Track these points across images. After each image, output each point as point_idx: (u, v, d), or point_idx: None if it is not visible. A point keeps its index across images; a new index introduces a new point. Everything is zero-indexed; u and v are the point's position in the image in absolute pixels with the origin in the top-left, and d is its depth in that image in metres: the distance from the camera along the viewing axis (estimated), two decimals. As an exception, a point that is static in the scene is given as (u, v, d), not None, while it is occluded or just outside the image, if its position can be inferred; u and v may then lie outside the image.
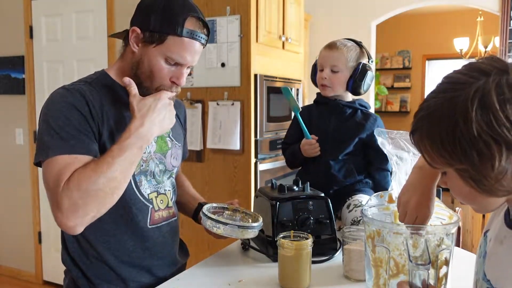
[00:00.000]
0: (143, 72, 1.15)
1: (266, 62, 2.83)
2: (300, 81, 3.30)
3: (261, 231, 1.37)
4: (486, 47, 5.19)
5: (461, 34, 5.81)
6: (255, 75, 2.68)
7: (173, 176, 1.33)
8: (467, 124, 0.59)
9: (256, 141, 2.72)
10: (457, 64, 0.69)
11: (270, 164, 2.88)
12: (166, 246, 1.27)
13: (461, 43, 5.49)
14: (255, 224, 1.24)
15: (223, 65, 2.70)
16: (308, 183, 1.40)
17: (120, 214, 1.17)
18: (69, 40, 3.18)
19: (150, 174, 1.21)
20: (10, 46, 3.41)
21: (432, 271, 0.81)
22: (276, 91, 2.92)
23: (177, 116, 1.34)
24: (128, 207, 1.17)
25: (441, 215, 1.04)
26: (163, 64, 1.14)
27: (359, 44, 1.66)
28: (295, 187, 1.39)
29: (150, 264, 1.23)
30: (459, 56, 5.59)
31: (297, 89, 3.26)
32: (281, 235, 1.15)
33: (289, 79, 3.12)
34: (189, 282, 1.17)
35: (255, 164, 2.73)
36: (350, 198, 1.58)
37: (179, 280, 1.18)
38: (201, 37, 1.15)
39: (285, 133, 1.86)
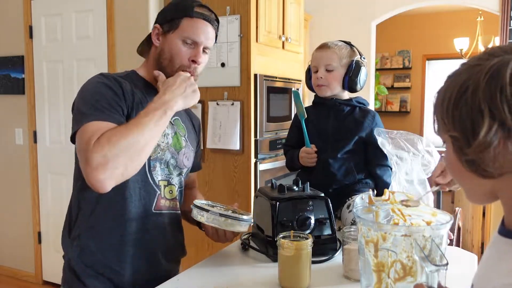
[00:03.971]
0: (164, 59, 1.28)
1: (266, 62, 2.83)
2: (300, 81, 3.30)
3: (261, 230, 1.37)
4: (486, 47, 5.19)
5: (461, 34, 5.82)
6: (255, 75, 2.68)
7: (183, 175, 1.37)
8: (474, 92, 0.60)
9: (256, 141, 2.72)
10: (457, 64, 0.69)
11: (270, 164, 2.88)
12: (166, 234, 1.30)
13: (461, 43, 5.50)
14: (239, 215, 1.25)
15: (223, 65, 2.70)
16: (308, 183, 1.40)
17: (130, 193, 1.21)
18: (69, 40, 3.18)
19: (164, 163, 1.28)
20: (10, 46, 3.41)
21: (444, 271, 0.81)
22: (276, 91, 2.92)
23: (192, 124, 1.46)
24: (138, 188, 1.23)
25: (421, 213, 1.03)
26: (181, 46, 1.27)
27: (348, 43, 1.68)
28: (295, 187, 1.39)
29: (147, 249, 1.26)
30: (459, 56, 5.59)
31: (297, 89, 3.26)
32: (281, 235, 1.15)
33: (289, 79, 3.12)
34: (189, 282, 1.17)
35: (255, 164, 2.73)
36: (350, 198, 1.58)
37: (179, 280, 1.18)
38: (211, 20, 1.30)
39: (284, 133, 1.87)
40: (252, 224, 1.30)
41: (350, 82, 1.63)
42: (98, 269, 1.22)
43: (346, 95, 1.71)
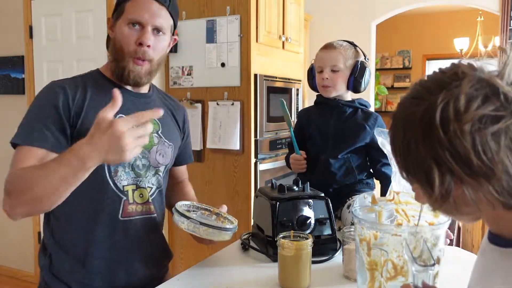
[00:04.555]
0: (116, 51, 1.19)
1: (266, 62, 2.83)
2: (300, 81, 3.30)
3: (261, 230, 1.37)
4: (486, 47, 5.19)
5: (461, 34, 5.82)
6: (255, 75, 2.68)
7: (161, 174, 1.29)
8: (416, 147, 0.59)
9: (256, 141, 2.72)
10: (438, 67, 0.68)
11: (270, 164, 2.88)
12: (140, 242, 1.24)
13: (461, 43, 5.50)
14: (221, 225, 1.19)
15: (223, 65, 2.70)
16: (308, 183, 1.40)
17: (91, 203, 1.18)
18: (69, 40, 3.18)
19: (128, 166, 1.20)
20: (10, 46, 3.41)
21: (433, 271, 0.81)
22: (276, 91, 2.92)
23: (173, 117, 1.37)
24: (99, 196, 1.17)
25: (424, 214, 1.03)
26: (127, 30, 1.17)
27: (352, 44, 1.68)
28: (295, 187, 1.39)
29: (121, 259, 1.21)
30: (459, 56, 5.59)
31: (297, 89, 3.26)
32: (281, 235, 1.15)
33: (289, 79, 3.12)
34: (189, 282, 1.17)
35: (255, 164, 2.73)
36: (350, 198, 1.58)
37: (179, 280, 1.18)
38: None
39: (285, 133, 1.87)
40: (235, 232, 1.22)
41: (355, 83, 1.63)
42: (67, 282, 1.19)
43: (349, 95, 1.71)
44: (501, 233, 0.64)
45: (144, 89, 1.30)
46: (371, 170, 1.70)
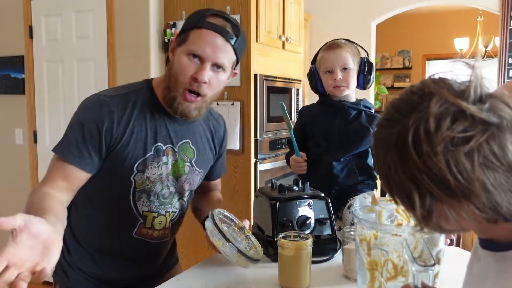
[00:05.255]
0: (172, 76, 1.15)
1: (266, 62, 2.83)
2: (300, 81, 3.30)
3: (261, 230, 1.37)
4: (486, 47, 5.20)
5: (461, 34, 5.82)
6: (255, 75, 2.68)
7: (185, 198, 1.31)
8: (396, 172, 0.58)
9: (256, 141, 2.71)
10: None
11: (270, 164, 2.88)
12: (150, 254, 1.31)
13: (461, 43, 5.50)
14: (253, 256, 1.17)
15: (223, 65, 2.70)
16: (308, 183, 1.40)
17: (112, 213, 1.23)
18: (69, 40, 3.18)
19: (154, 194, 1.22)
20: (10, 46, 3.41)
21: (433, 271, 0.81)
22: (276, 91, 2.92)
23: (212, 139, 1.34)
24: (118, 214, 1.22)
25: None
26: (186, 61, 1.12)
27: (350, 41, 1.68)
28: (295, 187, 1.38)
29: (127, 261, 1.28)
30: (459, 56, 5.59)
31: (297, 89, 3.26)
32: (281, 235, 1.15)
33: (289, 79, 3.12)
34: (189, 282, 1.17)
35: (255, 164, 2.73)
36: (351, 198, 1.58)
37: (179, 280, 1.18)
38: (223, 31, 1.12)
39: (285, 133, 1.87)
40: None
41: (364, 80, 1.63)
42: (79, 269, 1.27)
43: (353, 96, 1.70)
44: (492, 238, 0.64)
45: None
46: (373, 172, 1.69)
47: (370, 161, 1.67)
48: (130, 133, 1.16)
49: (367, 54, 1.68)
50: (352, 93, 1.68)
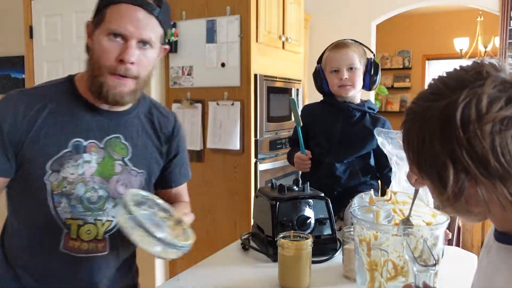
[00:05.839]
0: (94, 62, 1.03)
1: (266, 62, 2.83)
2: (300, 81, 3.30)
3: (261, 230, 1.37)
4: (486, 47, 5.19)
5: (461, 34, 5.81)
6: (255, 75, 2.68)
7: None
8: (431, 143, 0.58)
9: (256, 141, 2.72)
10: (457, 64, 0.68)
11: (270, 164, 2.88)
12: (85, 276, 1.10)
13: (461, 43, 5.49)
14: (169, 239, 0.93)
15: (223, 65, 2.70)
16: (308, 183, 1.40)
17: (33, 226, 1.08)
18: (69, 40, 3.18)
19: (76, 198, 1.05)
20: (10, 46, 3.41)
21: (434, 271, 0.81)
22: (276, 91, 2.92)
23: (157, 136, 1.18)
24: (41, 223, 1.06)
25: (422, 214, 1.03)
26: (107, 42, 1.00)
27: (356, 41, 1.67)
28: (295, 187, 1.38)
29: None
30: (459, 56, 5.59)
31: (297, 89, 3.26)
32: (281, 235, 1.15)
33: (289, 79, 3.12)
34: (189, 282, 1.17)
35: (255, 164, 2.73)
36: (352, 199, 1.58)
37: (179, 280, 1.18)
38: (143, 2, 0.99)
39: (285, 133, 1.86)
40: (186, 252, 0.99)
41: (370, 80, 1.62)
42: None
43: (358, 97, 1.68)
44: (509, 232, 0.64)
45: (123, 107, 1.12)
46: (375, 172, 1.69)
47: (373, 161, 1.67)
48: (38, 128, 1.02)
49: (374, 55, 1.67)
50: (357, 94, 1.67)
